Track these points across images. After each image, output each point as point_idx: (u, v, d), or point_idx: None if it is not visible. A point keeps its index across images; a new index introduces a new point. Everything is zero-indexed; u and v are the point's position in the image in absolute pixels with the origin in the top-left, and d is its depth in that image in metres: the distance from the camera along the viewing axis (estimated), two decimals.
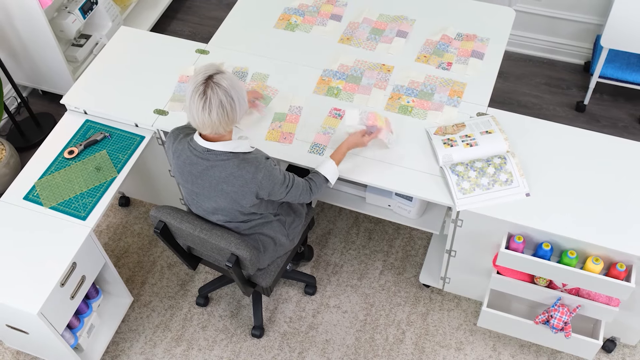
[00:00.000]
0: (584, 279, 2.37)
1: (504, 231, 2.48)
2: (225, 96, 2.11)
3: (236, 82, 2.16)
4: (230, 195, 2.29)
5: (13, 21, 3.49)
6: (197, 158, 2.26)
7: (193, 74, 2.87)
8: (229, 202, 2.31)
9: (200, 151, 2.25)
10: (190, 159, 2.28)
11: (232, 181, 2.25)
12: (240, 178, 2.24)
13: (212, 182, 2.28)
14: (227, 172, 2.24)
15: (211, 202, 2.35)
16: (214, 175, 2.27)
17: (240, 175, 2.24)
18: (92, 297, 2.84)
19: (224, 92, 2.11)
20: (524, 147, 2.62)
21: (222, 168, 2.24)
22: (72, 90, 2.97)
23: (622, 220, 2.39)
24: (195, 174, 2.30)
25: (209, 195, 2.33)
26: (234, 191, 2.27)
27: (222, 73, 2.15)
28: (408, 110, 2.76)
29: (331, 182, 2.49)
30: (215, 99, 2.10)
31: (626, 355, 2.80)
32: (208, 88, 2.11)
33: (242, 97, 2.17)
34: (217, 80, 2.12)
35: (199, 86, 2.12)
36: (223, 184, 2.27)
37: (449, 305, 2.99)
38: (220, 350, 2.92)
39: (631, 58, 3.51)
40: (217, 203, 2.34)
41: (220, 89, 2.11)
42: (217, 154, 2.23)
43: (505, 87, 3.85)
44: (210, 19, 4.43)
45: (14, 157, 3.51)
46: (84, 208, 2.62)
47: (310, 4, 3.23)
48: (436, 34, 3.03)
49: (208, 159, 2.25)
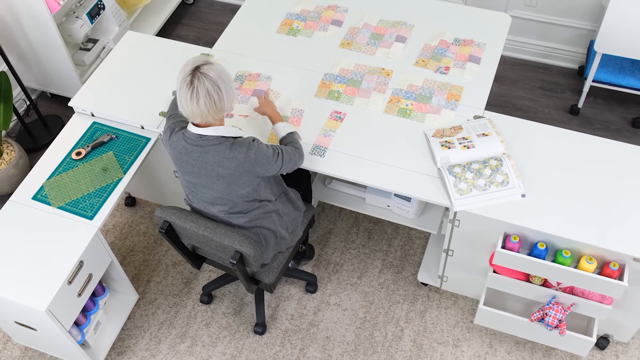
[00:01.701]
0: (578, 278, 2.36)
1: (500, 231, 2.48)
2: (212, 86, 2.16)
3: (224, 72, 2.20)
4: (226, 179, 2.30)
5: (23, 26, 3.48)
6: (192, 146, 2.29)
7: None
8: (226, 186, 2.32)
9: (194, 138, 2.28)
10: (186, 148, 2.31)
11: (227, 163, 2.27)
12: (234, 159, 2.26)
13: (207, 167, 2.30)
14: (221, 156, 2.27)
15: (210, 190, 2.36)
16: (208, 161, 2.28)
17: (234, 156, 2.26)
18: (99, 294, 2.84)
19: (210, 82, 2.16)
20: (519, 149, 2.62)
21: (215, 152, 2.27)
22: (79, 93, 2.96)
23: (615, 220, 2.39)
24: (192, 162, 2.32)
25: (206, 184, 2.34)
26: (229, 174, 2.29)
27: (209, 64, 2.19)
28: (407, 113, 2.76)
29: (295, 130, 2.58)
30: (202, 89, 2.15)
31: (619, 352, 2.79)
32: (195, 78, 2.15)
33: (229, 86, 2.21)
34: (204, 70, 2.16)
35: (186, 77, 2.17)
36: (218, 168, 2.28)
37: (446, 303, 2.98)
38: (223, 346, 2.92)
39: (624, 63, 3.50)
40: (215, 190, 2.35)
41: (207, 79, 2.15)
42: (210, 139, 2.26)
43: (501, 91, 3.85)
44: (215, 24, 4.43)
45: (23, 158, 3.51)
46: (91, 208, 2.61)
47: (312, 9, 3.22)
48: (434, 39, 3.03)
49: (201, 145, 2.27)
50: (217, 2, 4.58)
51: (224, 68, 2.23)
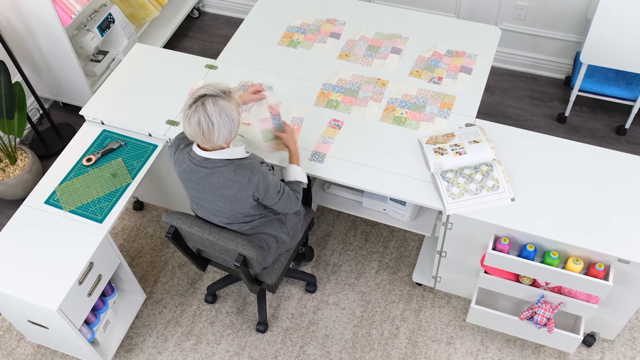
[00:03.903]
0: (566, 278, 2.36)
1: (490, 233, 2.48)
2: (204, 118, 2.12)
3: (225, 110, 2.14)
4: (229, 199, 2.29)
5: (36, 39, 3.49)
6: (196, 166, 2.27)
7: (201, 84, 2.88)
8: (229, 205, 2.31)
9: (199, 160, 2.26)
10: (190, 167, 2.29)
11: (230, 185, 2.25)
12: (238, 182, 2.24)
13: (212, 187, 2.29)
14: (225, 178, 2.25)
15: (213, 205, 2.35)
16: (213, 182, 2.27)
17: (237, 179, 2.24)
18: (108, 294, 2.83)
19: (204, 114, 2.12)
20: (509, 156, 2.62)
21: (219, 174, 2.25)
22: (90, 103, 2.97)
23: (601, 223, 2.39)
24: (196, 181, 2.30)
25: (210, 200, 2.33)
26: (232, 195, 2.27)
27: (215, 97, 2.13)
28: (402, 121, 2.76)
29: (304, 182, 2.51)
30: (195, 117, 2.12)
31: (605, 349, 2.78)
32: (194, 104, 2.13)
33: (224, 123, 2.14)
34: (204, 101, 2.12)
35: (191, 99, 2.15)
36: (222, 189, 2.27)
37: (440, 303, 2.98)
38: (227, 344, 2.91)
39: (608, 73, 3.51)
40: (219, 206, 2.34)
41: (203, 110, 2.12)
42: (215, 162, 2.24)
43: (491, 100, 3.85)
44: (219, 36, 4.43)
45: (36, 164, 3.51)
46: (101, 212, 2.61)
47: (311, 22, 3.23)
48: (428, 51, 3.03)
49: (206, 166, 2.25)
50: (221, 16, 4.59)
51: (230, 105, 2.15)
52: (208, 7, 4.60)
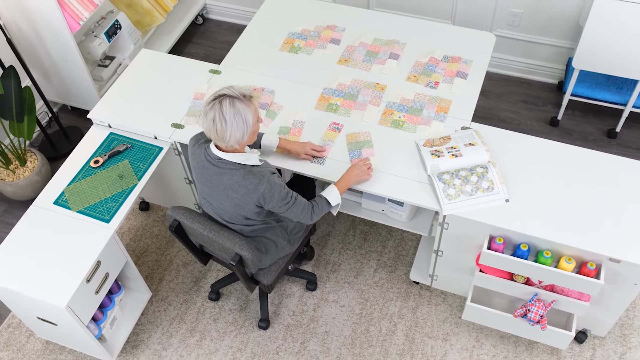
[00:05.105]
0: (558, 277, 2.36)
1: (485, 233, 2.48)
2: (219, 115, 2.12)
3: (240, 111, 2.13)
4: (234, 201, 2.30)
5: (45, 44, 3.50)
6: (209, 164, 2.28)
7: (206, 88, 2.90)
8: (234, 207, 2.32)
9: (213, 158, 2.27)
10: (203, 164, 2.30)
11: (237, 189, 2.26)
12: (244, 187, 2.25)
13: (220, 187, 2.29)
14: (233, 181, 2.25)
15: (218, 203, 2.36)
16: (221, 181, 2.27)
17: (244, 185, 2.24)
18: (115, 292, 2.84)
19: (219, 113, 2.12)
20: (503, 158, 2.62)
21: (229, 176, 2.25)
22: (97, 106, 2.97)
23: (592, 223, 2.39)
24: (207, 177, 2.32)
25: (216, 198, 2.34)
26: (237, 198, 2.28)
27: (234, 98, 2.13)
28: (399, 125, 2.76)
29: (332, 205, 2.46)
30: (211, 114, 2.14)
31: (596, 346, 2.79)
32: (213, 102, 2.15)
33: (237, 124, 2.14)
34: (222, 100, 2.13)
35: (212, 97, 2.17)
36: (229, 190, 2.28)
37: (436, 300, 2.98)
38: (230, 340, 2.91)
39: (600, 78, 3.51)
40: (224, 205, 2.35)
41: (219, 108, 2.12)
42: (227, 163, 2.25)
43: (486, 104, 3.86)
44: (222, 42, 4.44)
45: (45, 166, 3.51)
46: (108, 212, 2.62)
47: (312, 29, 3.24)
48: (425, 56, 3.04)
49: (218, 166, 2.26)
50: (224, 22, 4.60)
51: (247, 109, 2.14)
52: (212, 14, 4.61)
